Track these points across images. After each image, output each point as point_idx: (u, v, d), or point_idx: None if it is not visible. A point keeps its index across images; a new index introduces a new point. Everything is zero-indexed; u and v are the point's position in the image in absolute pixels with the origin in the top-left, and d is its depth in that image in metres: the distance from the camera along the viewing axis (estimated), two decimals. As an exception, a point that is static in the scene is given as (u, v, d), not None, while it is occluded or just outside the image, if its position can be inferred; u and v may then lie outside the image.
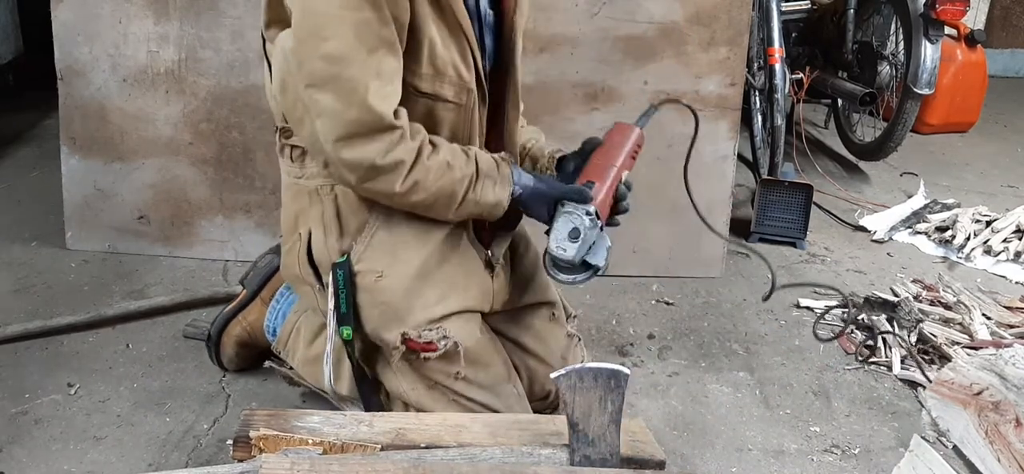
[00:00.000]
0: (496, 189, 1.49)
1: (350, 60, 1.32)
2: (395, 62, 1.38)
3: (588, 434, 1.41)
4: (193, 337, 2.03)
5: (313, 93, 1.35)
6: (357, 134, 1.36)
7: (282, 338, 1.81)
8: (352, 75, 1.33)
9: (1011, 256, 2.81)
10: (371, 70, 1.34)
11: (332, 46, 1.32)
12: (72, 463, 1.64)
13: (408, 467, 1.35)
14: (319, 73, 1.34)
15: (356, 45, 1.32)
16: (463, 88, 1.48)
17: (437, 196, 1.44)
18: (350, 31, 1.31)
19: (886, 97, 3.47)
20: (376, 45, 1.34)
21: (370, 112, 1.34)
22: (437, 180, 1.43)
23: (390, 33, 1.35)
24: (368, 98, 1.34)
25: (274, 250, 1.95)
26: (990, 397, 1.60)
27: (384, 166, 1.38)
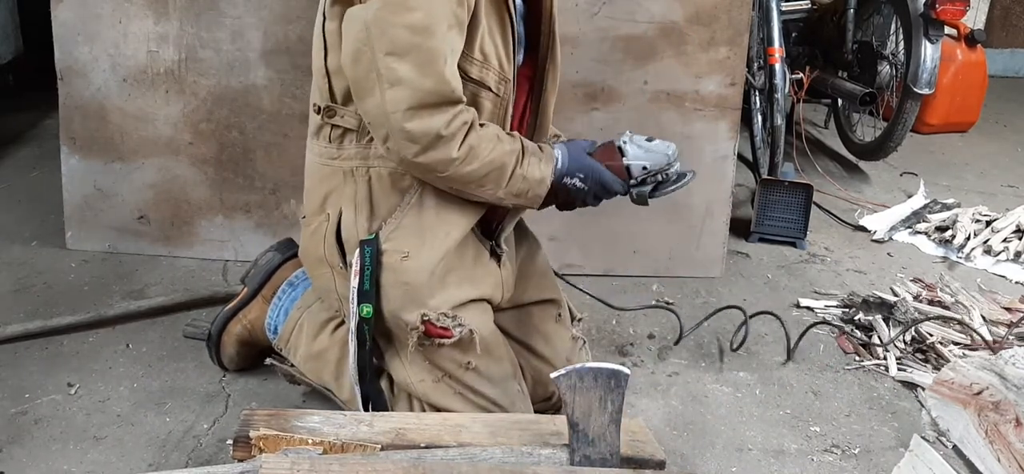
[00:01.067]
0: (542, 165, 1.52)
1: (432, 32, 1.37)
2: (461, 43, 1.44)
3: (588, 434, 1.41)
4: (193, 337, 2.03)
5: (391, 61, 1.38)
6: (428, 104, 1.39)
7: (284, 335, 1.80)
8: (433, 46, 1.37)
9: (1011, 256, 2.81)
10: (448, 45, 1.39)
11: (417, 17, 1.36)
12: (72, 463, 1.64)
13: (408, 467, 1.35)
14: (402, 41, 1.37)
15: (439, 18, 1.37)
16: (503, 78, 1.53)
17: (490, 167, 1.47)
18: (437, 5, 1.37)
19: (886, 97, 3.47)
20: (453, 23, 1.40)
21: (446, 83, 1.39)
22: (490, 151, 1.46)
23: (463, 14, 1.41)
24: (445, 70, 1.39)
25: (275, 248, 1.95)
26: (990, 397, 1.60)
27: (447, 135, 1.41)
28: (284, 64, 2.34)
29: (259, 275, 1.91)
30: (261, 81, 2.36)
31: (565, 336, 1.80)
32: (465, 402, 1.61)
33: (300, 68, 2.34)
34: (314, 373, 1.76)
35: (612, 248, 2.50)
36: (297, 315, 1.79)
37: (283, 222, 2.46)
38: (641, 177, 1.61)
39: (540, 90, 1.66)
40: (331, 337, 1.72)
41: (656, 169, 1.61)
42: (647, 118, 2.44)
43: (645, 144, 1.62)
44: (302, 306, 1.80)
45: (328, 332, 1.73)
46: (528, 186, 1.52)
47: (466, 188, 1.51)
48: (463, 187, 1.50)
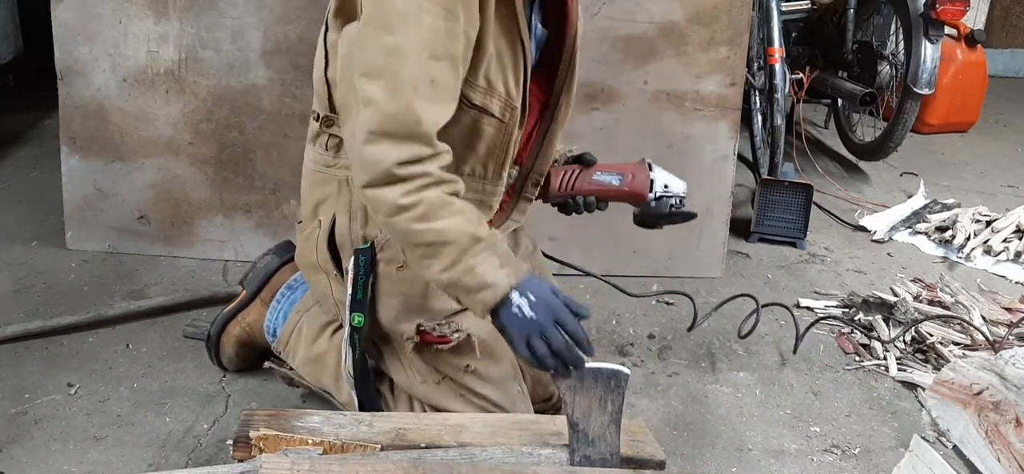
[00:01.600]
0: (500, 272, 1.33)
1: (407, 57, 1.29)
2: (453, 79, 1.35)
3: (588, 434, 1.41)
4: (193, 337, 2.03)
5: (364, 82, 1.32)
6: (389, 132, 1.30)
7: (283, 338, 1.81)
8: (404, 72, 1.30)
9: (1011, 256, 2.81)
10: (427, 74, 1.30)
11: (392, 40, 1.30)
12: (72, 463, 1.64)
13: (408, 467, 1.35)
14: (375, 63, 1.31)
15: (418, 46, 1.29)
16: (509, 105, 1.49)
17: (437, 236, 1.32)
18: (417, 31, 1.29)
19: (886, 97, 3.47)
20: (441, 54, 1.31)
21: (411, 112, 1.29)
22: (444, 220, 1.32)
23: (456, 47, 1.33)
24: (414, 98, 1.29)
25: (273, 250, 1.95)
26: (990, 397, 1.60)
27: (401, 174, 1.30)
28: (284, 64, 2.34)
29: (258, 278, 1.91)
30: (261, 81, 2.36)
31: None
32: (466, 403, 1.61)
33: (300, 68, 2.34)
34: (313, 376, 1.76)
35: (612, 248, 2.50)
36: (296, 318, 1.79)
37: (283, 222, 2.46)
38: (661, 194, 1.73)
39: (550, 119, 1.63)
40: (330, 341, 1.72)
41: (674, 194, 1.74)
42: (647, 118, 2.44)
43: (666, 171, 1.75)
44: (301, 309, 1.80)
45: (327, 336, 1.73)
46: (469, 283, 1.33)
47: (408, 248, 1.37)
48: (405, 244, 1.38)
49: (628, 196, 1.75)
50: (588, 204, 1.76)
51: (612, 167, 1.75)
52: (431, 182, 1.32)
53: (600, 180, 1.74)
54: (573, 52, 1.59)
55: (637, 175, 1.74)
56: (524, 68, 1.48)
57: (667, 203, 1.74)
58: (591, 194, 1.75)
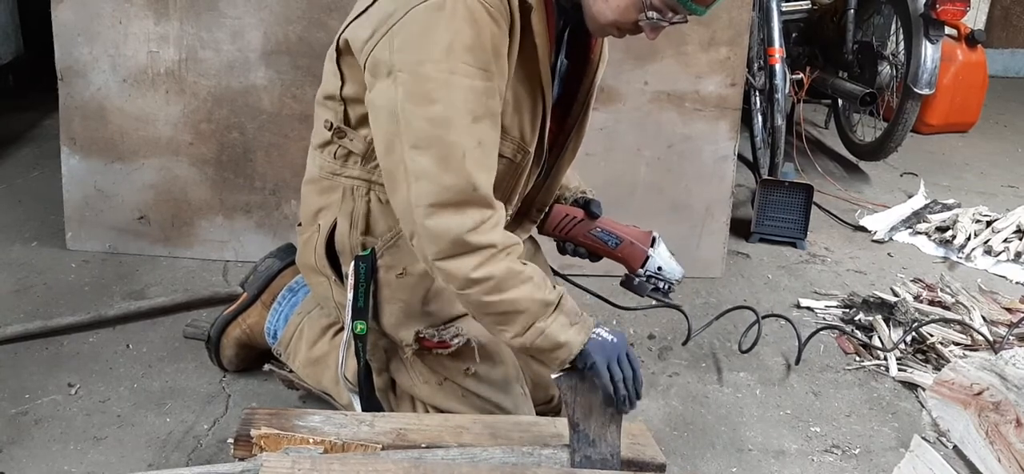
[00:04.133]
0: (571, 331, 1.38)
1: (453, 124, 1.30)
2: (495, 135, 1.36)
3: (589, 435, 1.41)
4: (193, 337, 2.03)
5: (415, 155, 1.32)
6: (450, 202, 1.31)
7: (284, 340, 1.80)
8: (454, 139, 1.30)
9: (1011, 256, 2.81)
10: (473, 138, 1.31)
11: (437, 110, 1.30)
12: (72, 463, 1.64)
13: (408, 467, 1.35)
14: (423, 134, 1.31)
15: (462, 110, 1.30)
16: (522, 149, 1.48)
17: (510, 306, 1.35)
18: (458, 96, 1.30)
19: (886, 97, 3.47)
20: (481, 114, 1.32)
21: (467, 179, 1.31)
22: (513, 287, 1.34)
23: (496, 105, 1.34)
24: (466, 164, 1.30)
25: (274, 254, 1.95)
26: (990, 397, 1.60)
27: (470, 243, 1.31)
28: (284, 64, 2.34)
29: (259, 281, 1.91)
30: (261, 82, 2.36)
31: None
32: (468, 405, 1.61)
33: (300, 68, 2.34)
34: (313, 379, 1.76)
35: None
36: (297, 321, 1.79)
37: (283, 222, 2.46)
38: (651, 273, 1.73)
39: (559, 153, 1.63)
40: (331, 343, 1.72)
41: (665, 278, 1.74)
42: (647, 118, 2.44)
43: (669, 254, 1.76)
44: (302, 312, 1.80)
45: (327, 338, 1.73)
46: (543, 346, 1.38)
47: (481, 316, 1.41)
48: (478, 313, 1.40)
49: (619, 261, 1.75)
50: (578, 252, 1.76)
51: (614, 228, 1.74)
52: (498, 252, 1.34)
53: (596, 236, 1.74)
54: (589, 93, 1.58)
55: (634, 246, 1.73)
56: (543, 113, 1.47)
57: (649, 287, 1.75)
58: (584, 246, 1.76)
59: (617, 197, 2.23)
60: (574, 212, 1.75)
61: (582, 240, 1.76)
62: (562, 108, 1.59)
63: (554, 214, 1.76)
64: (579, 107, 1.59)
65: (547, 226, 1.76)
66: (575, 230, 1.75)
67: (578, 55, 1.55)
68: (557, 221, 1.76)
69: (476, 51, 1.30)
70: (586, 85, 1.57)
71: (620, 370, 1.39)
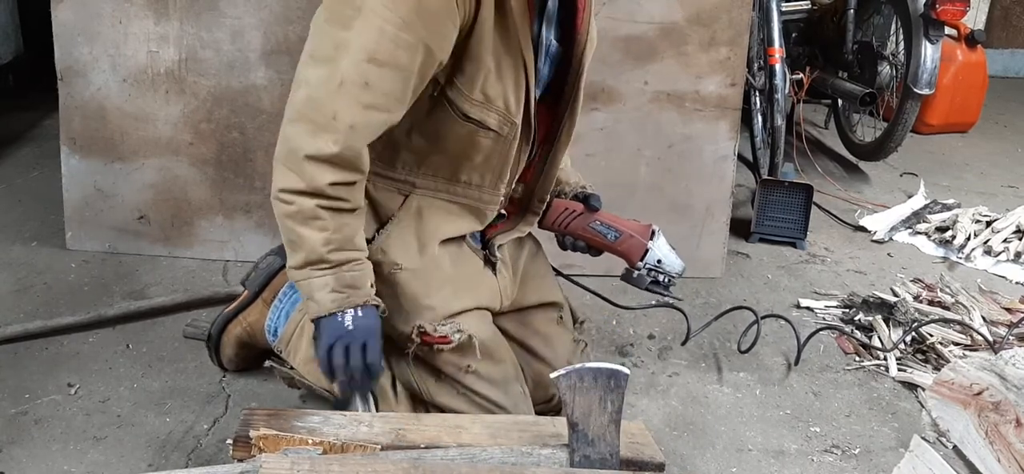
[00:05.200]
0: (326, 295, 1.39)
1: (348, 53, 1.31)
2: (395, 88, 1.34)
3: (588, 434, 1.41)
4: (193, 337, 2.03)
5: (309, 64, 1.36)
6: (308, 118, 1.33)
7: (285, 337, 1.80)
8: (341, 66, 1.31)
9: (1011, 256, 2.81)
10: (360, 75, 1.31)
11: (342, 35, 1.32)
12: (72, 463, 1.64)
13: (408, 467, 1.35)
14: (321, 51, 1.34)
15: (362, 46, 1.31)
16: (508, 120, 1.48)
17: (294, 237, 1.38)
18: (367, 33, 1.30)
19: (886, 97, 3.47)
20: (384, 61, 1.32)
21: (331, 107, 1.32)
22: (308, 226, 1.36)
23: (407, 58, 1.32)
24: (339, 92, 1.31)
25: (276, 251, 1.95)
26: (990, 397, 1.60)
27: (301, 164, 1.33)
28: (284, 64, 2.34)
29: (260, 278, 1.91)
30: (261, 81, 2.36)
31: (566, 338, 1.80)
32: (468, 403, 1.61)
33: (300, 68, 2.34)
34: (314, 376, 1.76)
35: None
36: (298, 318, 1.79)
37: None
38: (651, 266, 1.75)
39: (554, 139, 1.63)
40: None
41: (665, 272, 1.76)
42: (647, 118, 2.44)
43: (669, 249, 1.76)
44: (304, 308, 1.79)
45: None
46: (305, 292, 1.42)
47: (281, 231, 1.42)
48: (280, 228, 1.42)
49: (618, 255, 1.76)
50: (578, 246, 1.77)
51: (613, 222, 1.74)
52: (314, 193, 1.34)
53: (596, 230, 1.74)
54: (578, 73, 1.58)
55: (633, 239, 1.74)
56: (527, 85, 1.47)
57: (649, 280, 1.76)
58: (584, 240, 1.76)
59: (617, 197, 2.23)
60: (573, 205, 1.75)
61: (581, 234, 1.76)
62: (554, 93, 1.59)
63: (553, 208, 1.76)
64: (570, 89, 1.58)
65: (547, 220, 1.76)
66: (574, 223, 1.75)
67: (569, 37, 1.55)
68: (556, 215, 1.76)
69: (407, 2, 1.29)
70: (574, 66, 1.57)
71: (342, 356, 1.39)
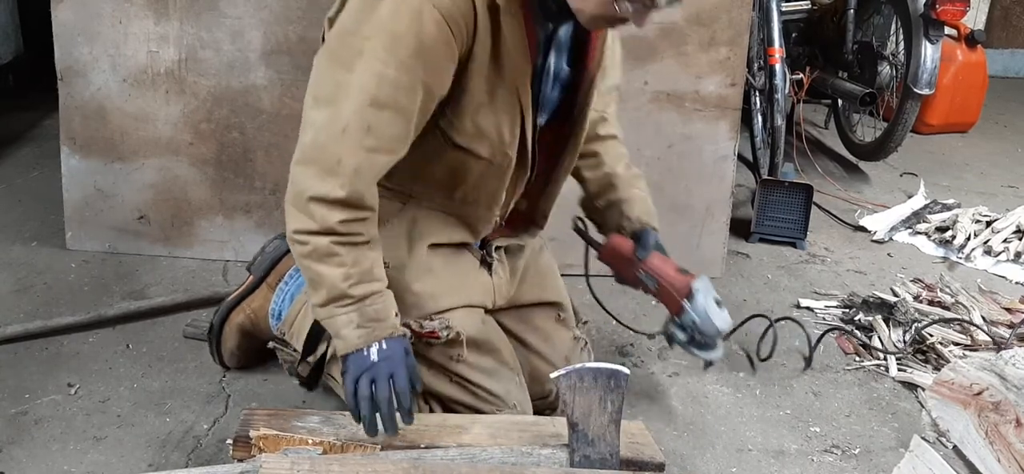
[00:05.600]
0: (352, 331, 1.39)
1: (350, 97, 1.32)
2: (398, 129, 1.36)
3: (588, 434, 1.41)
4: (194, 337, 2.03)
5: (313, 107, 1.38)
6: (313, 161, 1.34)
7: (288, 319, 1.79)
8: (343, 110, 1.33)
9: (1011, 256, 2.81)
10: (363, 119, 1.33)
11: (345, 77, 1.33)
12: (72, 463, 1.64)
13: (408, 467, 1.35)
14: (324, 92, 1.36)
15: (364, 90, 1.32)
16: (501, 150, 1.48)
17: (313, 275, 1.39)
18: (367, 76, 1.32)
19: (886, 97, 3.47)
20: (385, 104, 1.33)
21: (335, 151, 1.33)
22: (326, 264, 1.37)
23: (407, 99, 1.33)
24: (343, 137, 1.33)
25: (282, 235, 1.94)
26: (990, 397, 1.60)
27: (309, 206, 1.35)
28: (284, 64, 2.34)
29: (266, 262, 1.90)
30: (261, 81, 2.36)
31: (565, 336, 1.80)
32: (460, 390, 1.62)
33: (300, 68, 2.34)
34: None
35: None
36: (303, 299, 1.77)
37: (283, 222, 2.45)
38: (686, 323, 1.72)
39: (558, 157, 1.62)
40: None
41: (700, 332, 1.71)
42: (647, 118, 2.44)
43: (712, 306, 1.70)
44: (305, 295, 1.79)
45: None
46: (331, 329, 1.42)
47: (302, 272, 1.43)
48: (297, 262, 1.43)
49: (661, 301, 1.77)
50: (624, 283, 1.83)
51: (656, 270, 1.74)
52: (327, 232, 1.35)
53: (639, 278, 1.77)
54: (585, 100, 1.56)
55: (669, 295, 1.73)
56: (522, 118, 1.46)
57: (684, 338, 1.74)
58: (631, 285, 1.81)
59: (617, 197, 2.23)
60: (622, 249, 1.77)
61: (628, 279, 1.80)
62: (562, 115, 1.58)
63: (607, 247, 1.81)
64: (578, 114, 1.58)
65: (603, 257, 1.83)
66: (622, 268, 1.80)
67: (581, 62, 1.54)
68: (608, 255, 1.81)
69: (406, 45, 1.30)
70: (582, 91, 1.56)
71: (368, 388, 1.38)
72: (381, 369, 1.39)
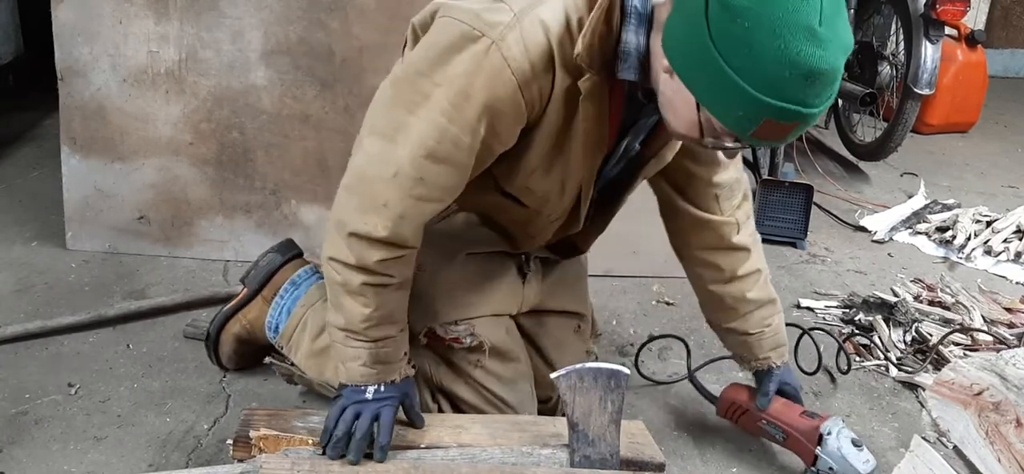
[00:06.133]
0: (355, 366, 1.39)
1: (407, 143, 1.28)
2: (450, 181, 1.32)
3: (588, 434, 1.41)
4: (194, 337, 2.03)
5: (369, 134, 1.33)
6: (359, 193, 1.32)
7: (286, 332, 1.80)
8: (398, 154, 1.29)
9: (1011, 256, 2.81)
10: (416, 169, 1.29)
11: (405, 118, 1.29)
12: (72, 463, 1.64)
13: (408, 467, 1.36)
14: (382, 126, 1.31)
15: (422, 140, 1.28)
16: (548, 207, 1.47)
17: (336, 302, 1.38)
18: (427, 126, 1.27)
19: (886, 97, 3.47)
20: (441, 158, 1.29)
21: (381, 192, 1.30)
22: (349, 297, 1.35)
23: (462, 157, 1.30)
24: (392, 181, 1.29)
25: (276, 249, 1.95)
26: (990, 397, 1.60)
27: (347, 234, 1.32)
28: (285, 65, 2.34)
29: (260, 276, 1.90)
30: (261, 81, 2.36)
31: (579, 348, 1.79)
32: (475, 395, 1.61)
33: (300, 68, 2.34)
34: (316, 370, 1.75)
35: (612, 248, 2.48)
36: (301, 313, 1.78)
37: (283, 222, 2.46)
38: (822, 471, 1.63)
39: (610, 206, 1.59)
40: None
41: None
42: (647, 118, 2.44)
43: (848, 448, 1.60)
44: (306, 304, 1.79)
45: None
46: (338, 357, 1.42)
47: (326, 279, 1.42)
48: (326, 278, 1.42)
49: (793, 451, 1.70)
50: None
51: (780, 420, 1.66)
52: (361, 268, 1.32)
53: (764, 429, 1.69)
54: (646, 174, 1.53)
55: (800, 443, 1.64)
56: (579, 193, 1.45)
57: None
58: (755, 435, 1.74)
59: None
60: (739, 400, 1.73)
61: (751, 430, 1.74)
62: (622, 182, 1.55)
63: (723, 399, 1.76)
64: (635, 180, 1.55)
65: (719, 409, 1.78)
66: (743, 420, 1.73)
67: (653, 141, 1.49)
68: (726, 407, 1.76)
69: (475, 105, 1.26)
70: (646, 166, 1.51)
71: (352, 418, 1.38)
72: (371, 406, 1.39)
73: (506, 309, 1.65)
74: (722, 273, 1.63)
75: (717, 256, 1.62)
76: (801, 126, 1.14)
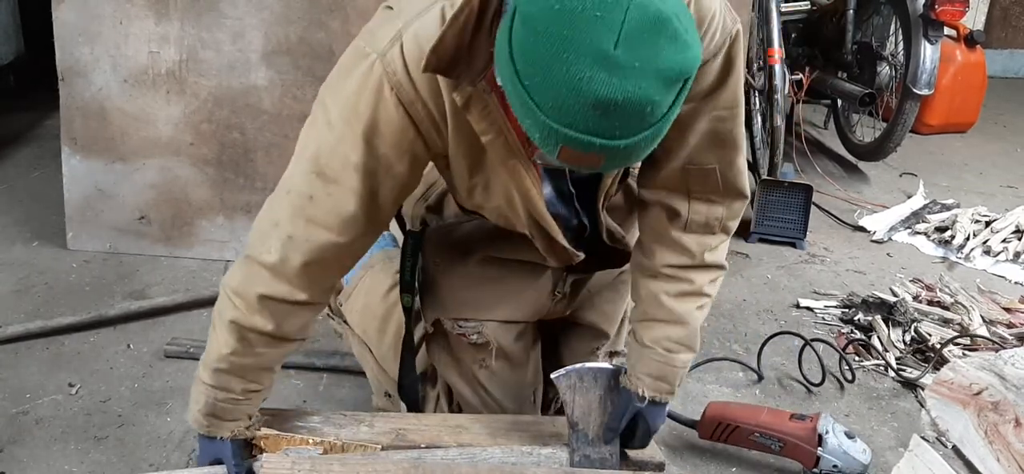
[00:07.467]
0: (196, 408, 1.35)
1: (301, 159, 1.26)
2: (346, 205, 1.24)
3: (588, 434, 1.41)
4: (175, 356, 2.00)
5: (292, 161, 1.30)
6: (261, 220, 1.30)
7: (346, 292, 1.75)
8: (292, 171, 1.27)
9: (1010, 256, 2.81)
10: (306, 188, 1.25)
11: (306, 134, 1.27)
12: (73, 463, 1.64)
13: (408, 467, 1.36)
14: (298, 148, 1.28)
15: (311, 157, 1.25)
16: (509, 223, 1.41)
17: (211, 330, 1.33)
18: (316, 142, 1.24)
19: (886, 97, 3.47)
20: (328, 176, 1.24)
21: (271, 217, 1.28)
22: (222, 334, 1.30)
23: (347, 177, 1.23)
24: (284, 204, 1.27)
25: None
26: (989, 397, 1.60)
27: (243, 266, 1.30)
28: (285, 65, 2.35)
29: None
30: (262, 82, 2.36)
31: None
32: (474, 394, 1.61)
33: (301, 69, 2.34)
34: (361, 327, 1.72)
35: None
36: (361, 274, 1.75)
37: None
38: (826, 470, 1.64)
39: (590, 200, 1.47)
40: (383, 299, 1.67)
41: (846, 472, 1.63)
42: (647, 119, 2.44)
43: (846, 441, 1.62)
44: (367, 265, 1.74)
45: (381, 294, 1.67)
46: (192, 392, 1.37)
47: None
48: None
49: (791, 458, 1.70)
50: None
51: (774, 429, 1.67)
52: (240, 297, 1.28)
53: (759, 442, 1.70)
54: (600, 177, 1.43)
55: (799, 447, 1.65)
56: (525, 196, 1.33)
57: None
58: (749, 449, 1.74)
59: (617, 197, 2.23)
60: (725, 416, 1.73)
61: (744, 445, 1.73)
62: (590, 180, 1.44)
63: (706, 421, 1.75)
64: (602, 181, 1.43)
65: (704, 433, 1.76)
66: (733, 437, 1.73)
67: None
68: (710, 431, 1.75)
69: (359, 122, 1.20)
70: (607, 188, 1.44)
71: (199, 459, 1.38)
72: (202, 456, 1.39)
73: (523, 317, 1.60)
74: (651, 262, 1.40)
75: (657, 242, 1.40)
76: (614, 157, 0.98)
